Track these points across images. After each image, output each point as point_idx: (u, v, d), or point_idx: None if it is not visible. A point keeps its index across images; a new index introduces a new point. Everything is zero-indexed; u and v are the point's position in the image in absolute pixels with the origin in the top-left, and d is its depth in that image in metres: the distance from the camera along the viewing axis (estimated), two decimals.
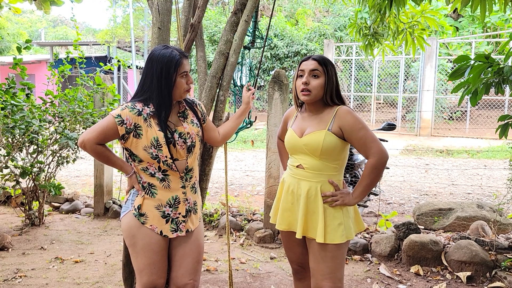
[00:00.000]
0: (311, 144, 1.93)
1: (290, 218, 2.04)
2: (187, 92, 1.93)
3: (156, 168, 1.89)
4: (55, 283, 3.11)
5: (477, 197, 5.82)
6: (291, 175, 2.04)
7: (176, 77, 1.85)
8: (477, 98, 2.29)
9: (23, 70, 4.10)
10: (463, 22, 14.21)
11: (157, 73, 1.84)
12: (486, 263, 3.14)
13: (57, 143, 4.26)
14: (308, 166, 1.96)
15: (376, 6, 3.36)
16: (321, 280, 1.95)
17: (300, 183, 1.99)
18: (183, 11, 2.57)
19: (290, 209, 2.04)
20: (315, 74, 1.93)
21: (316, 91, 1.93)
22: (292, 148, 2.03)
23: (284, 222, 2.06)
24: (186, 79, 1.89)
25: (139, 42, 18.31)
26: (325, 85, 1.94)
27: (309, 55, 2.01)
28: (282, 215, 2.07)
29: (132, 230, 1.91)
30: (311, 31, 15.23)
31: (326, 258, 1.94)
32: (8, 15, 20.04)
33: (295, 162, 2.03)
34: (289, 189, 2.03)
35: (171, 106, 1.90)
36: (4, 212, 4.94)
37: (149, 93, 1.86)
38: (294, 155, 2.04)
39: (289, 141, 2.04)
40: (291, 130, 2.06)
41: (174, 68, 1.84)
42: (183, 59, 1.87)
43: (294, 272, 2.21)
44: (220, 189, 6.31)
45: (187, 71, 1.90)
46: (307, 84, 1.93)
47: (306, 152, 1.96)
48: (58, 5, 3.83)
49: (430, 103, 11.95)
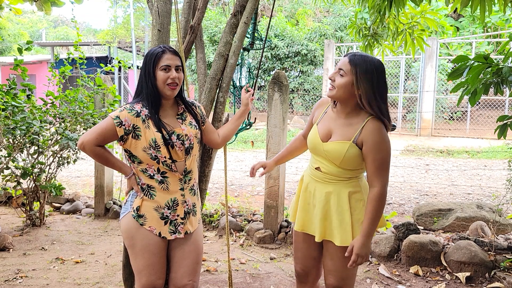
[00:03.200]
0: (333, 152, 1.87)
1: (305, 218, 2.02)
2: (171, 88, 1.88)
3: (155, 170, 1.90)
4: (56, 283, 3.12)
5: (477, 197, 5.82)
6: (310, 175, 2.01)
7: (156, 70, 1.87)
8: (476, 99, 2.29)
9: (24, 71, 4.11)
10: (463, 22, 14.20)
11: (143, 70, 1.89)
12: (485, 264, 3.15)
13: (58, 144, 4.28)
14: (327, 171, 1.93)
15: (376, 7, 3.36)
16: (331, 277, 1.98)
17: (317, 184, 1.96)
18: (182, 13, 2.58)
19: (307, 209, 2.01)
20: (341, 73, 1.84)
21: (338, 89, 1.83)
22: (314, 148, 1.98)
23: (299, 223, 2.04)
24: (168, 73, 1.87)
25: (139, 43, 18.32)
26: (349, 86, 1.81)
27: (349, 52, 1.90)
28: (300, 215, 2.04)
29: (131, 231, 1.92)
30: (312, 31, 15.23)
31: (346, 260, 1.92)
32: (9, 15, 20.05)
33: (315, 163, 1.99)
34: (307, 189, 2.01)
35: (160, 102, 1.91)
36: (5, 212, 4.95)
37: (142, 92, 1.91)
38: (314, 155, 2.00)
39: (311, 141, 1.98)
40: (315, 129, 1.98)
41: (154, 62, 1.86)
42: (165, 54, 1.88)
43: (297, 274, 2.18)
44: (220, 190, 6.32)
45: (170, 65, 1.87)
46: (333, 81, 1.88)
47: (326, 157, 1.91)
48: (58, 5, 3.85)
49: (431, 103, 11.96)
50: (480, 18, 2.43)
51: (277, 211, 3.94)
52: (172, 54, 1.90)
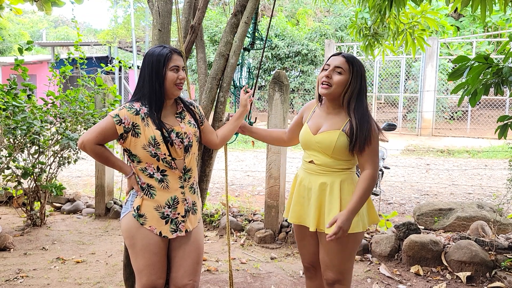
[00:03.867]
0: (324, 142, 1.95)
1: (300, 211, 2.08)
2: (179, 88, 1.93)
3: (155, 169, 1.91)
4: (57, 283, 3.12)
5: (478, 197, 5.82)
6: (304, 169, 2.08)
7: (166, 71, 1.88)
8: (476, 99, 2.29)
9: (24, 71, 4.12)
10: (464, 21, 14.20)
11: (149, 69, 1.89)
12: (486, 263, 3.15)
13: (59, 144, 4.28)
14: (320, 163, 2.00)
15: (376, 7, 3.36)
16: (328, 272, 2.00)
17: (312, 177, 2.02)
18: (183, 13, 2.58)
19: (301, 203, 2.07)
20: (339, 71, 1.92)
21: (336, 87, 1.92)
22: (306, 144, 2.05)
23: (295, 215, 2.10)
24: (177, 74, 1.91)
25: (140, 42, 18.33)
26: (346, 84, 1.92)
27: (339, 52, 2.00)
28: (293, 208, 2.10)
29: (132, 231, 1.93)
30: (312, 31, 15.23)
31: (341, 250, 1.96)
32: (10, 15, 20.06)
33: (307, 157, 2.06)
34: (301, 183, 2.07)
35: (163, 102, 1.92)
36: (6, 212, 4.95)
37: (143, 91, 1.91)
38: (307, 150, 2.07)
39: (303, 137, 2.07)
40: (306, 126, 2.07)
41: (164, 62, 1.88)
42: (173, 55, 1.91)
43: (305, 270, 2.25)
44: (220, 189, 6.32)
45: (179, 66, 1.92)
46: (329, 78, 1.93)
47: (318, 149, 1.99)
48: (59, 5, 3.84)
49: (431, 103, 11.95)
50: (481, 18, 2.43)
51: (277, 211, 3.94)
52: (178, 55, 1.94)
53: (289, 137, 2.32)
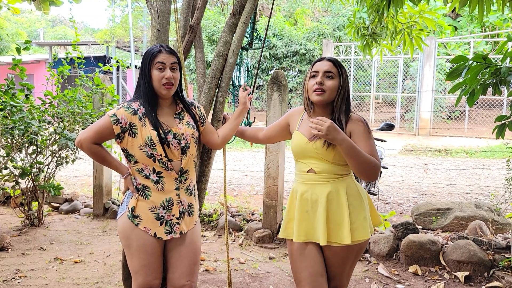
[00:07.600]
0: (324, 148, 1.86)
1: (307, 228, 1.92)
2: (167, 88, 1.88)
3: (151, 170, 1.90)
4: (55, 283, 3.11)
5: (476, 196, 5.84)
6: (302, 182, 1.94)
7: (151, 69, 1.87)
8: (474, 99, 2.30)
9: (22, 70, 4.10)
10: (461, 21, 14.24)
11: (141, 68, 1.90)
12: (484, 263, 3.16)
13: (56, 144, 4.27)
14: (321, 170, 1.89)
15: (374, 7, 3.37)
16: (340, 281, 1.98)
17: (316, 188, 1.90)
18: (181, 13, 2.58)
19: (306, 218, 1.92)
20: (329, 75, 1.88)
21: (330, 92, 1.88)
22: (301, 152, 1.93)
23: (302, 233, 1.92)
24: (163, 73, 1.86)
25: (138, 42, 18.30)
26: (339, 88, 1.90)
27: (323, 57, 1.96)
28: (299, 226, 1.92)
29: (127, 232, 1.92)
30: (310, 31, 15.24)
31: (349, 259, 1.92)
32: (7, 15, 20.00)
33: (304, 167, 1.93)
34: (303, 196, 1.92)
35: (157, 101, 1.92)
36: (3, 212, 4.94)
37: (140, 90, 1.92)
38: (302, 160, 1.94)
39: (298, 146, 1.94)
40: (299, 134, 1.96)
41: (149, 60, 1.87)
42: (160, 52, 1.88)
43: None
44: (219, 189, 6.32)
45: (165, 63, 1.87)
46: (321, 84, 1.87)
47: (317, 156, 1.89)
48: (57, 5, 3.83)
49: (429, 102, 11.98)
50: (478, 18, 2.43)
51: (276, 210, 3.94)
52: (168, 53, 1.89)
53: (266, 136, 2.22)
